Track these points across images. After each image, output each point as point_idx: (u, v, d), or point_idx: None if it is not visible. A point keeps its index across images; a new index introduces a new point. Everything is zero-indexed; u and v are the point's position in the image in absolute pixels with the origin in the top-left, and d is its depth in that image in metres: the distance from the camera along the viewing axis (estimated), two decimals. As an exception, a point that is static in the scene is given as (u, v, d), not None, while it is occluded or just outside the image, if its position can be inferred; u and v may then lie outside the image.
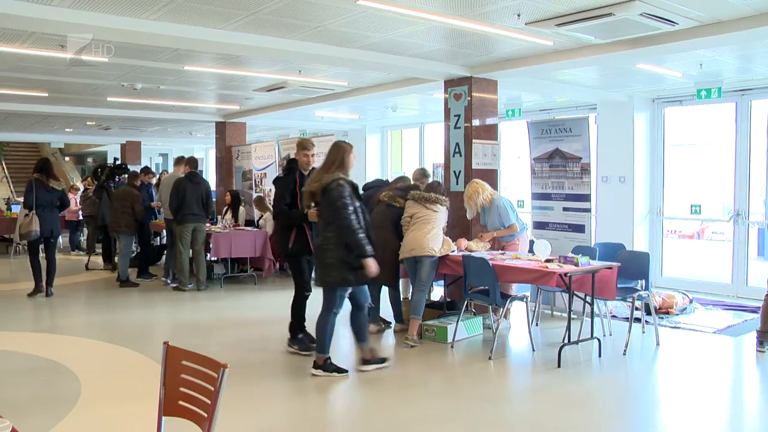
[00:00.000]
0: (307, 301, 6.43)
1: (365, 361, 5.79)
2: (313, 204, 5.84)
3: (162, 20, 6.08)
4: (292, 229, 6.33)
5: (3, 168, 18.39)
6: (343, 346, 6.57)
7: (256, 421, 4.66)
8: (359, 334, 5.78)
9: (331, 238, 5.46)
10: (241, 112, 13.20)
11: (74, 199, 14.85)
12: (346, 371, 5.67)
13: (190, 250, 9.69)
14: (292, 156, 6.72)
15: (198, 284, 9.72)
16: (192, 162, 10.03)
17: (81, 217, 14.37)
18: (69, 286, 10.51)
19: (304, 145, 6.48)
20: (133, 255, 11.46)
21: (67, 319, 8.26)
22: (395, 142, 16.09)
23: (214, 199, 14.69)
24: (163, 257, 11.30)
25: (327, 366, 5.63)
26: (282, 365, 6.12)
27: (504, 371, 6.08)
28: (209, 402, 2.30)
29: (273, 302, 9.15)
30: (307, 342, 6.35)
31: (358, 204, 5.51)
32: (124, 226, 10.24)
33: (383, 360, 5.87)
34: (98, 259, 12.51)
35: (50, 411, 4.71)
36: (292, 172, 6.47)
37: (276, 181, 6.85)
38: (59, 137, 21.01)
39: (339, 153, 5.61)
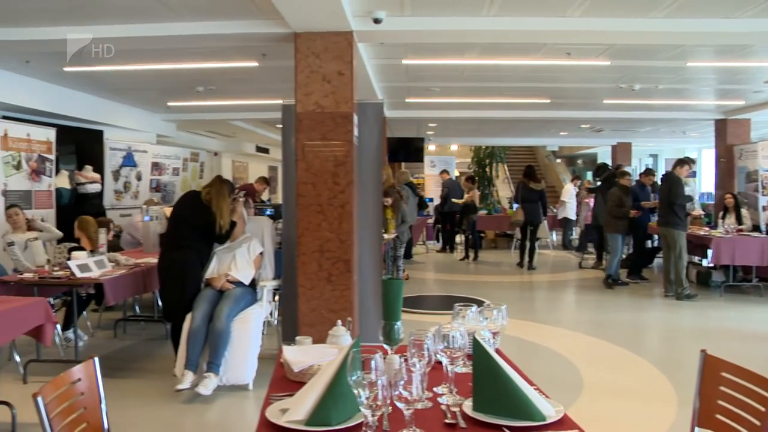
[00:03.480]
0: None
1: None
2: None
3: (669, 17, 5.92)
4: None
5: (505, 170, 20.18)
6: None
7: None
8: None
9: None
10: (745, 107, 12.20)
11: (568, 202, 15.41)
12: None
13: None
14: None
15: (676, 292, 9.24)
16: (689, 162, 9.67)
17: (575, 217, 14.89)
18: (561, 283, 11.05)
19: None
20: (625, 256, 11.46)
21: (559, 314, 8.72)
22: None
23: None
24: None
25: None
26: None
27: None
28: (758, 423, 2.12)
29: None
30: None
31: None
32: (608, 225, 10.33)
33: None
34: (591, 258, 12.83)
35: (557, 396, 4.97)
36: None
37: None
38: (554, 141, 22.15)
39: None
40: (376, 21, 5.58)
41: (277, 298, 6.28)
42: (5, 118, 9.10)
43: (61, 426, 2.10)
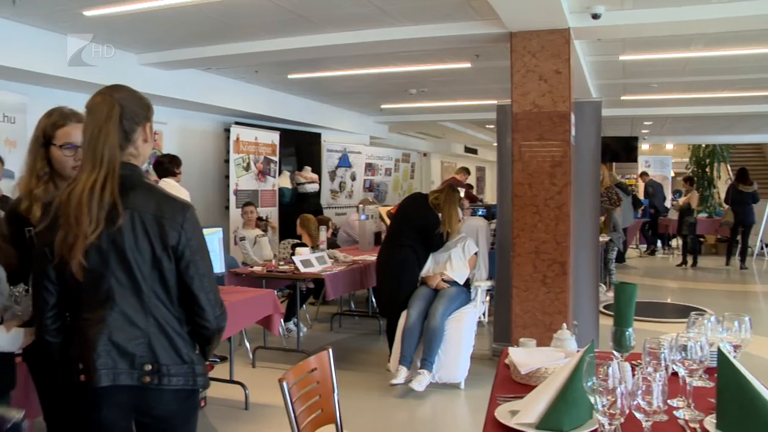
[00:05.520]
0: None
1: None
2: None
3: None
4: None
5: (728, 170, 18.70)
6: None
7: None
8: None
9: None
10: None
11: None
12: None
13: None
14: None
15: None
16: None
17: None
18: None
19: None
20: None
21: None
22: None
23: None
24: None
25: None
26: None
27: None
28: None
29: None
30: None
31: None
32: None
33: None
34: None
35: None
36: None
37: None
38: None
39: None
40: (595, 16, 5.40)
41: (488, 298, 6.28)
42: (237, 123, 9.89)
43: (300, 410, 2.24)
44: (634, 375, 1.72)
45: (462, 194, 5.83)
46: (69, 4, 5.50)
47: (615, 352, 2.28)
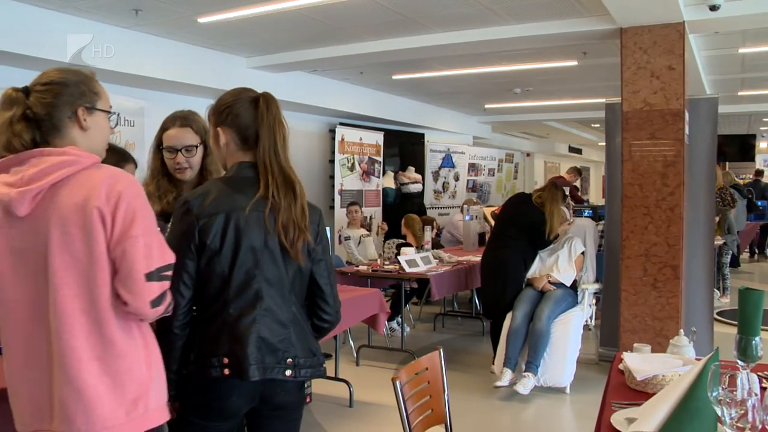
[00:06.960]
0: None
1: None
2: None
3: None
4: None
5: None
6: None
7: None
8: None
9: None
10: None
11: None
12: None
13: None
14: None
15: None
16: None
17: None
18: None
19: None
20: None
21: None
22: None
23: None
24: None
25: None
26: None
27: None
28: None
29: None
30: None
31: None
32: None
33: None
34: None
35: None
36: None
37: None
38: None
39: None
40: (713, 8, 5.14)
41: (593, 301, 6.13)
42: (341, 124, 10.04)
43: (411, 410, 2.26)
44: (763, 388, 1.64)
45: (567, 194, 5.67)
46: (184, 13, 5.73)
47: (739, 362, 2.17)
